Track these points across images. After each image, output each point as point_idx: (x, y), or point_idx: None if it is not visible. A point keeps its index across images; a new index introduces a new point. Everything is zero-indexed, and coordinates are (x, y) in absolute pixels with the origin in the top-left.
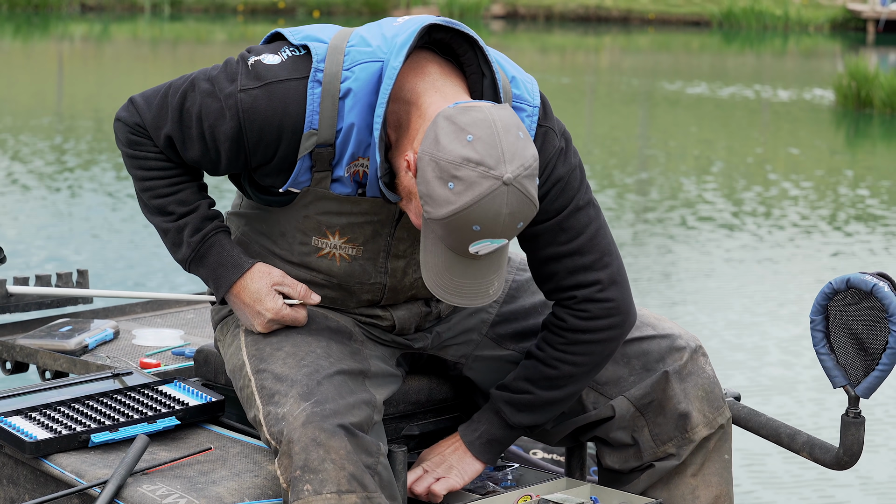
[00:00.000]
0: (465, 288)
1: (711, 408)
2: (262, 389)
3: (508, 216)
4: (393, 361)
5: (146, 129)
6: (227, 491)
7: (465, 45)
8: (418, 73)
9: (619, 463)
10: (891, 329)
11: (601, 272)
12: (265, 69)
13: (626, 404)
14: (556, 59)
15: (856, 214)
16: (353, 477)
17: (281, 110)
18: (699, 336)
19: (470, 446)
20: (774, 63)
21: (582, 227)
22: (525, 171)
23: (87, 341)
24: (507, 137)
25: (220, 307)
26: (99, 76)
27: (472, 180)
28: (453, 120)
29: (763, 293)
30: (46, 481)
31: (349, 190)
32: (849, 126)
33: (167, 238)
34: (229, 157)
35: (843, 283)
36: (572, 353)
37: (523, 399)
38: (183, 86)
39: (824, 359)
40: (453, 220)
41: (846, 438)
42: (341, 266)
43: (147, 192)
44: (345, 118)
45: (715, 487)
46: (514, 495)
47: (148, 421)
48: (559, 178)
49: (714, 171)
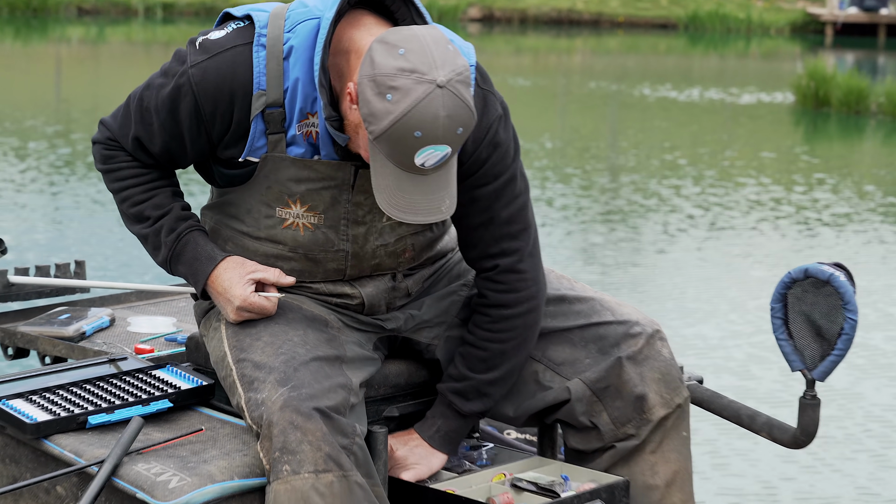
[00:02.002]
0: (418, 204)
1: (668, 389)
2: (242, 377)
3: (446, 119)
4: (370, 346)
5: (116, 139)
6: (218, 469)
7: (399, 2)
8: (355, 25)
9: (582, 444)
10: (846, 316)
11: (522, 241)
12: (211, 43)
13: (581, 387)
14: (529, 60)
15: (814, 208)
16: (329, 457)
17: (230, 75)
18: (660, 319)
19: (430, 441)
20: (737, 64)
21: (514, 196)
22: (457, 76)
23: (84, 328)
24: (437, 48)
25: (202, 303)
26: (95, 76)
27: (407, 88)
28: (385, 41)
29: (726, 283)
30: (46, 461)
31: (304, 150)
32: (808, 124)
33: (148, 244)
34: (192, 137)
35: (802, 273)
36: (497, 331)
37: (467, 386)
38: (140, 90)
39: (783, 344)
40: (395, 131)
41: (803, 419)
42: (305, 235)
43: (125, 202)
44: (290, 76)
45: (674, 463)
46: (489, 473)
47: (142, 404)
48: (500, 142)
49: (680, 168)
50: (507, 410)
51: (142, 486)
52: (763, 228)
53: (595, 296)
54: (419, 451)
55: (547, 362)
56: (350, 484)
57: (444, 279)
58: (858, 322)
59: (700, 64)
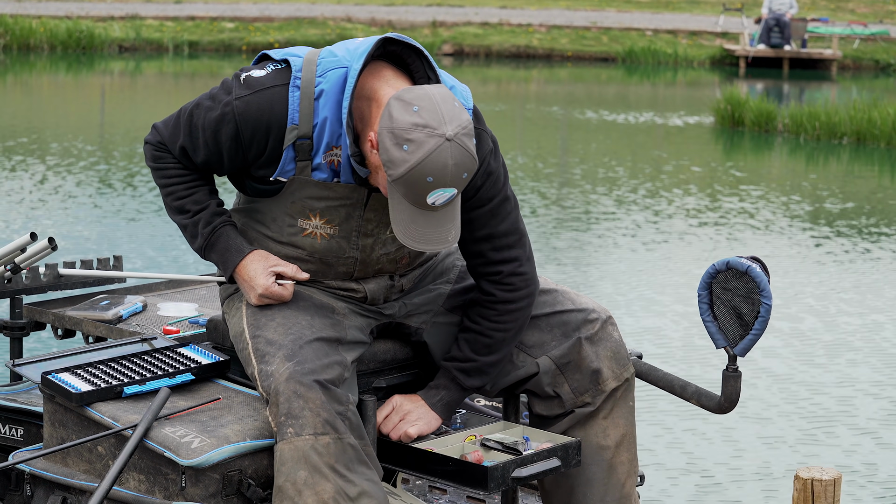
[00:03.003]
0: (429, 235)
1: (618, 365)
2: (256, 351)
3: (454, 167)
4: (367, 331)
5: (165, 144)
6: (233, 432)
7: (414, 56)
8: (376, 76)
9: (545, 410)
10: (762, 301)
11: (520, 249)
12: (254, 80)
13: (548, 362)
14: (493, 87)
15: (733, 210)
16: (326, 422)
17: (268, 110)
18: (610, 307)
19: (433, 407)
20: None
21: (507, 213)
22: (462, 129)
23: (121, 313)
24: (445, 105)
25: (227, 287)
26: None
27: (421, 140)
28: (401, 98)
29: (661, 274)
30: (89, 424)
31: (326, 176)
32: (725, 141)
33: (187, 232)
34: (231, 156)
35: (724, 265)
36: (503, 322)
37: (470, 366)
38: (190, 107)
39: (709, 325)
40: (410, 176)
41: (726, 389)
42: (321, 243)
43: (169, 196)
44: (319, 114)
45: (622, 427)
46: (462, 435)
47: (169, 376)
48: (491, 171)
49: (620, 179)
50: (486, 384)
51: (168, 446)
52: (691, 229)
53: (558, 288)
54: (422, 411)
55: (519, 345)
56: (344, 445)
57: (430, 276)
58: (772, 306)
59: (635, 91)
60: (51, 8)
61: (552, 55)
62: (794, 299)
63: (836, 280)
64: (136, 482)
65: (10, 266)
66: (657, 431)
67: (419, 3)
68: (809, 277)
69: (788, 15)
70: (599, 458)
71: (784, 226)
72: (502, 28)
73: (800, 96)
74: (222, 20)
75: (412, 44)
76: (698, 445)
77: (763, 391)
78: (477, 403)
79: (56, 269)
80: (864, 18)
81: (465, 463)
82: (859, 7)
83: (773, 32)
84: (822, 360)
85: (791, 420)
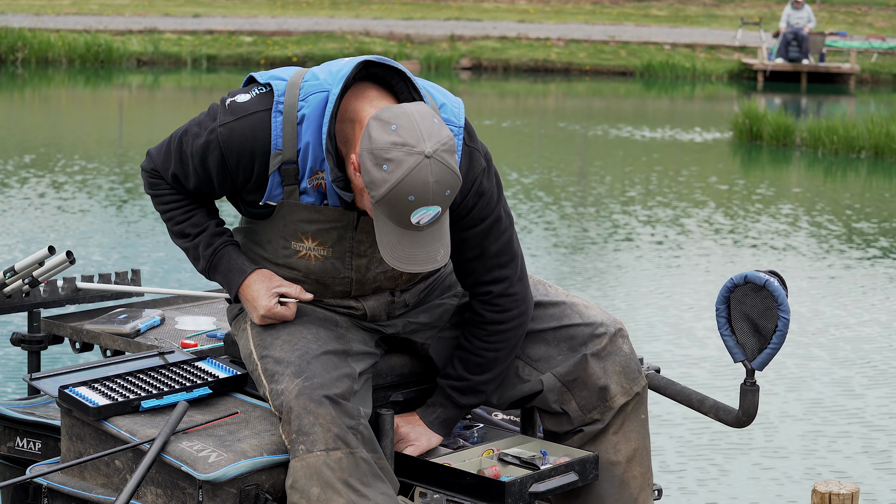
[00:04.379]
0: (417, 256)
1: (628, 379)
2: (265, 371)
3: (435, 184)
4: (372, 343)
5: (159, 171)
6: (250, 447)
7: (397, 78)
8: (360, 97)
9: (555, 427)
10: (779, 315)
11: (511, 270)
12: (238, 106)
13: (552, 380)
14: (511, 102)
15: (752, 223)
16: (337, 437)
17: (251, 137)
18: (628, 321)
19: (430, 426)
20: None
21: (500, 233)
22: (442, 146)
23: (139, 326)
24: (424, 122)
25: (233, 307)
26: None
27: (400, 159)
28: (379, 118)
29: (678, 288)
30: (106, 438)
31: (314, 199)
32: (743, 155)
33: (190, 255)
34: (220, 182)
35: (742, 279)
36: (493, 342)
37: (464, 385)
38: (179, 134)
39: (727, 339)
40: (391, 196)
41: (744, 403)
42: (316, 264)
43: (169, 221)
44: (302, 139)
45: (634, 442)
46: (479, 449)
47: (186, 390)
48: (484, 191)
49: (639, 193)
50: (493, 399)
51: (186, 460)
52: (709, 243)
53: (566, 300)
54: (420, 430)
55: (525, 358)
56: (356, 459)
57: (437, 290)
58: (790, 320)
59: (653, 105)
60: (69, 22)
61: (570, 69)
62: (813, 313)
63: (855, 293)
64: (154, 496)
65: (28, 279)
66: (675, 445)
67: (437, 17)
68: (827, 291)
69: (806, 29)
70: (610, 474)
71: (802, 239)
72: (520, 42)
73: (818, 110)
74: (240, 34)
75: (393, 65)
76: (715, 459)
77: (780, 405)
78: (494, 417)
79: (74, 283)
80: (882, 32)
81: (483, 478)
82: (877, 21)
83: (791, 46)
84: (840, 374)
85: (808, 433)
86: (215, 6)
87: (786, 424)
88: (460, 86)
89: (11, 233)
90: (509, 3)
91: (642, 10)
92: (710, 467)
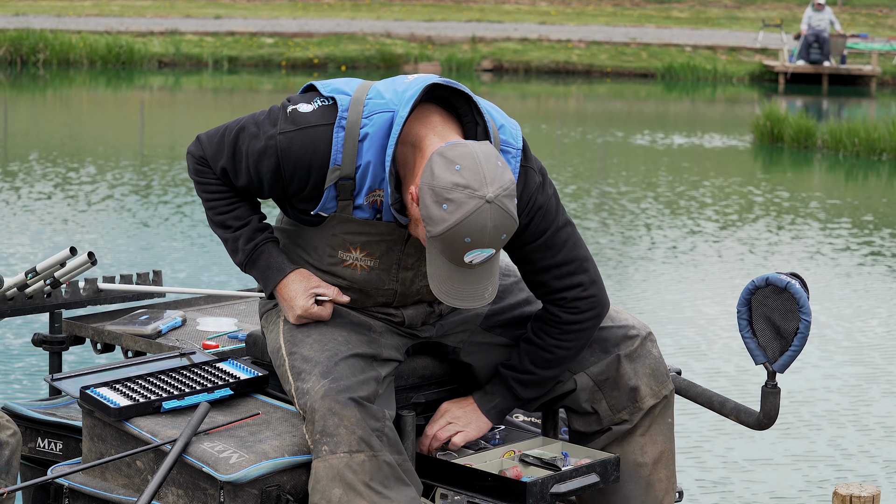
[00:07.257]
0: (465, 292)
1: (657, 382)
2: (293, 368)
3: (493, 229)
4: (403, 350)
5: (207, 160)
6: (271, 448)
7: (462, 100)
8: (423, 122)
9: (583, 426)
10: (801, 317)
11: (583, 275)
12: (300, 116)
13: (586, 379)
14: (533, 103)
15: (773, 226)
16: (361, 439)
17: (311, 150)
18: (650, 324)
19: (486, 413)
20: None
21: (562, 242)
22: (504, 191)
23: (160, 327)
24: (488, 165)
25: (265, 301)
26: (172, 117)
27: (460, 201)
28: (444, 154)
29: (700, 291)
30: (128, 439)
31: (368, 215)
32: (765, 157)
33: (227, 246)
34: (271, 186)
35: (763, 281)
36: (566, 341)
37: (529, 378)
38: (235, 128)
39: (748, 341)
40: (448, 235)
41: (765, 405)
42: (361, 274)
43: (211, 210)
44: (363, 157)
45: (660, 445)
46: (501, 450)
47: (208, 391)
48: (540, 206)
49: (661, 195)
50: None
51: (207, 461)
52: (730, 245)
53: None
54: (473, 415)
55: None
56: (379, 462)
57: None
58: (811, 322)
59: (675, 107)
60: (91, 23)
61: (591, 71)
62: (835, 316)
63: (877, 296)
64: (175, 497)
65: (49, 280)
66: (696, 448)
67: (458, 19)
68: (849, 293)
69: (828, 31)
70: (637, 476)
71: (823, 242)
72: (541, 44)
73: (839, 112)
74: (262, 35)
75: (459, 88)
76: (737, 461)
77: (801, 407)
78: (515, 419)
79: (95, 284)
80: None
81: (504, 478)
82: None
83: (813, 48)
84: (861, 376)
85: (830, 436)
86: (236, 7)
87: (807, 426)
88: (481, 87)
89: (33, 233)
90: (530, 5)
91: (663, 12)
92: (730, 470)
